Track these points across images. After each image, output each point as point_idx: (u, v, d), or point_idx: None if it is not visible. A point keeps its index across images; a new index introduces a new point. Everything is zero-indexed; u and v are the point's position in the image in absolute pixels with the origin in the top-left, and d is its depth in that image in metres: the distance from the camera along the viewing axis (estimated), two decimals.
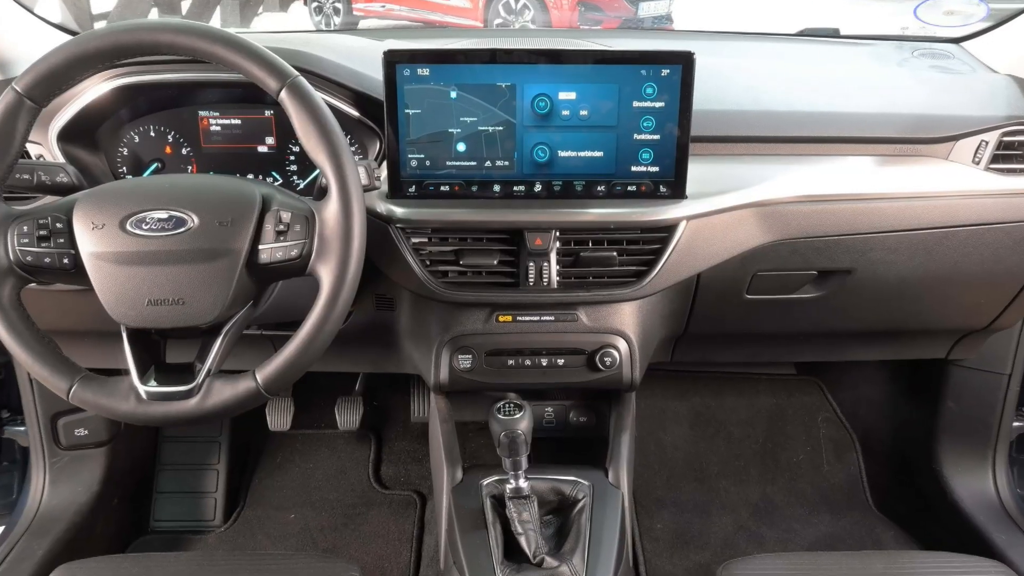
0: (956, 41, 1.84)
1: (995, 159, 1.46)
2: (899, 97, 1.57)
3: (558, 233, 1.34)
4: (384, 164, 1.36)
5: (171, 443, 2.22)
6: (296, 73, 1.11)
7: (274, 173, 1.51)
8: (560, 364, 1.47)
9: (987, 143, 1.46)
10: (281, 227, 1.11)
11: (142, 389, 1.10)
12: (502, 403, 1.40)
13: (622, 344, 1.46)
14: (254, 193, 1.13)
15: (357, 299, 1.16)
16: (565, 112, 1.31)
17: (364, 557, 2.05)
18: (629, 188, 1.35)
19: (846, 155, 1.48)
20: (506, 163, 1.34)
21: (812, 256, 1.46)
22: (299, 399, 2.28)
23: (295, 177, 1.52)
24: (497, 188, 1.36)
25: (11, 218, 1.10)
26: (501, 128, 1.32)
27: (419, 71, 1.28)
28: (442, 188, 1.35)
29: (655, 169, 1.34)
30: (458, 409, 1.60)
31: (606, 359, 1.45)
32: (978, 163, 1.47)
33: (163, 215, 1.10)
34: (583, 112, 1.31)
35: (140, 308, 1.08)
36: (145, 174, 1.49)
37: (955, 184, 1.45)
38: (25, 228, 1.09)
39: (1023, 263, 1.52)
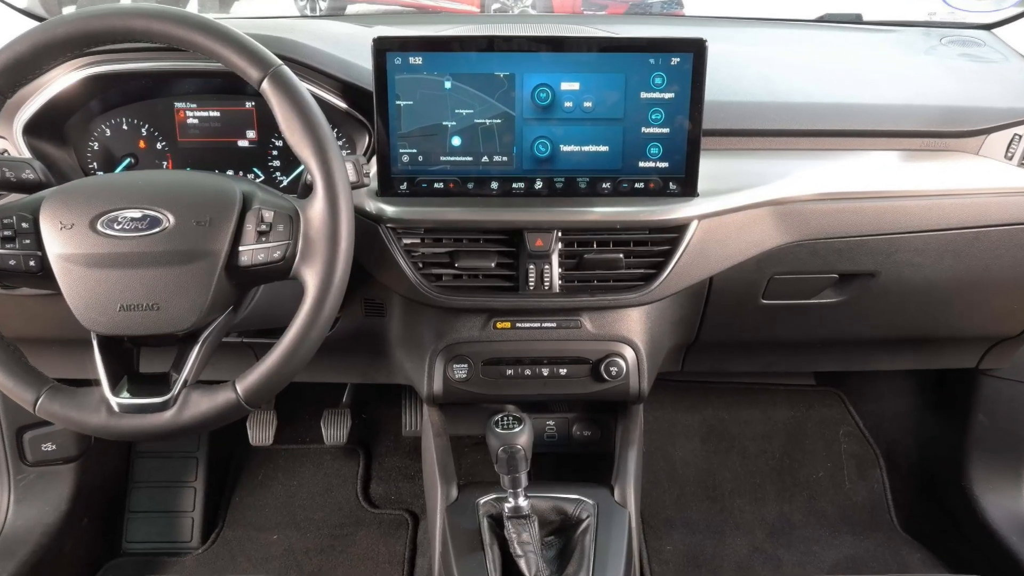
0: (987, 27, 1.84)
1: None
2: (926, 87, 1.58)
3: (560, 233, 1.34)
4: (373, 159, 1.36)
5: (145, 459, 2.22)
6: (279, 62, 1.11)
7: (255, 169, 1.51)
8: (562, 374, 1.47)
9: (1021, 137, 1.46)
10: (263, 227, 1.11)
11: (114, 401, 1.10)
12: (500, 416, 1.40)
13: (629, 353, 1.46)
14: (234, 191, 1.13)
15: (345, 304, 1.16)
16: (568, 104, 1.31)
17: None
18: (636, 185, 1.35)
19: (869, 150, 1.48)
20: (504, 158, 1.34)
21: (833, 258, 1.46)
22: (282, 412, 2.28)
23: (278, 173, 1.52)
24: (495, 185, 1.36)
25: None
26: (499, 121, 1.32)
27: (411, 59, 1.29)
28: (436, 185, 1.35)
29: (664, 165, 1.34)
30: (453, 422, 1.60)
31: (612, 369, 1.45)
32: (1011, 158, 1.47)
33: (136, 214, 1.10)
34: (587, 104, 1.31)
35: (112, 314, 1.08)
36: (117, 170, 1.49)
37: (986, 181, 1.45)
38: None
39: None
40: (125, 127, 1.49)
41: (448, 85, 1.30)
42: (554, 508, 1.44)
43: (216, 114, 1.48)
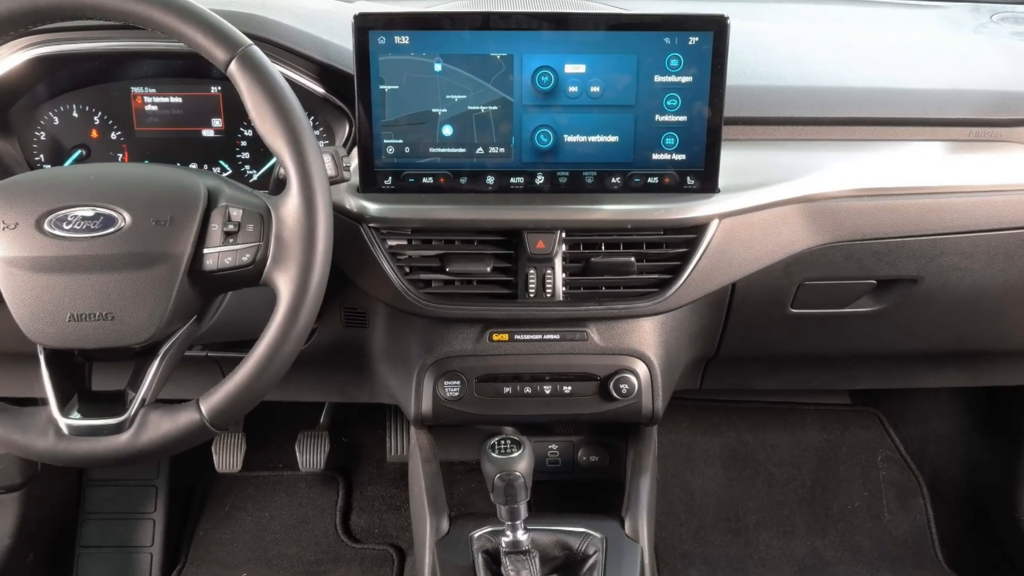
0: None
1: None
2: (975, 70, 1.58)
3: (564, 234, 1.34)
4: (354, 151, 1.36)
5: (98, 487, 2.22)
6: (248, 42, 1.11)
7: (222, 162, 1.51)
8: (567, 392, 1.47)
9: None
10: (230, 227, 1.11)
11: (63, 422, 1.09)
12: (497, 439, 1.40)
13: (641, 368, 1.46)
14: (198, 186, 1.13)
15: (322, 314, 1.16)
16: (573, 88, 1.31)
17: None
18: (649, 180, 1.35)
19: (911, 140, 1.48)
20: (501, 150, 1.34)
21: (870, 262, 1.47)
22: (252, 434, 2.28)
23: (247, 167, 1.52)
24: (491, 180, 1.36)
25: None
26: (496, 108, 1.32)
27: (396, 39, 1.29)
28: (424, 180, 1.35)
29: (681, 157, 1.34)
30: (444, 446, 1.60)
31: (622, 386, 1.45)
32: None
33: (88, 213, 1.09)
34: (594, 88, 1.31)
35: (60, 324, 1.08)
36: (67, 163, 1.49)
37: None
38: None
39: None
40: (76, 115, 1.49)
41: (438, 68, 1.30)
42: (557, 543, 1.44)
43: (178, 100, 1.48)
